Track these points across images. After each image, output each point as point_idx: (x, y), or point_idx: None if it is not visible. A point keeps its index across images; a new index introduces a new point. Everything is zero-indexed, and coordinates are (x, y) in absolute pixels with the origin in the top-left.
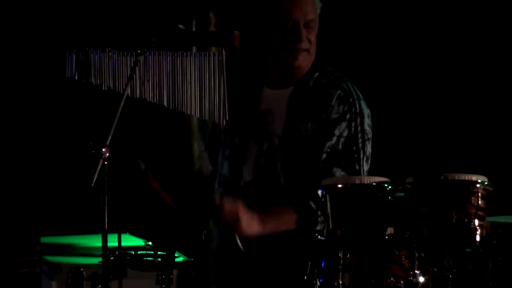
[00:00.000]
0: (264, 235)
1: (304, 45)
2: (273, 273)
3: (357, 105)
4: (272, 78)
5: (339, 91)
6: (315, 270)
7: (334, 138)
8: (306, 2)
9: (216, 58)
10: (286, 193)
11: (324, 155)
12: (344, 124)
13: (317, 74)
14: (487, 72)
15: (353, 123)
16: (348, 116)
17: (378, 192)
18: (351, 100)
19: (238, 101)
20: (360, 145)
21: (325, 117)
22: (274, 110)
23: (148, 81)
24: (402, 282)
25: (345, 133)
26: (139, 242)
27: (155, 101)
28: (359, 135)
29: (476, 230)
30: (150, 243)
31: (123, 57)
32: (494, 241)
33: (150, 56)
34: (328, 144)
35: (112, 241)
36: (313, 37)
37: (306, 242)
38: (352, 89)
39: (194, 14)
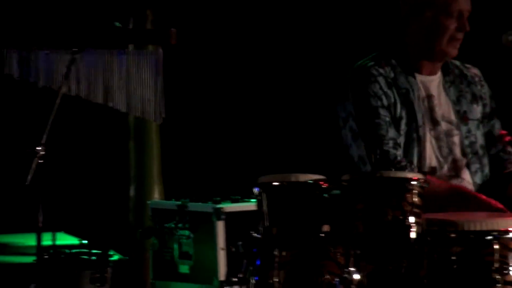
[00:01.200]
0: None
1: (463, 35)
2: None
3: None
4: (420, 65)
5: (478, 70)
6: (251, 268)
7: (495, 118)
8: None
9: (153, 55)
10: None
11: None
12: (493, 102)
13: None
14: None
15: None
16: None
17: (314, 190)
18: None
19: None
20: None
21: (485, 96)
22: (435, 95)
23: (85, 79)
24: (337, 279)
25: (495, 108)
26: (74, 240)
27: (91, 99)
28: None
29: (412, 227)
30: (85, 241)
31: (60, 55)
32: (429, 238)
33: (86, 54)
34: (497, 124)
35: (47, 240)
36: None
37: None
38: None
39: (131, 12)
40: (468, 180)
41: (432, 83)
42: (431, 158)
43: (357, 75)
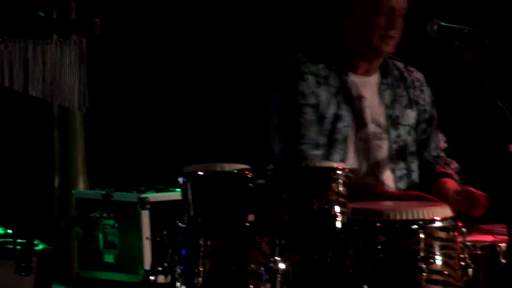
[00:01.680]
0: None
1: (396, 33)
2: None
3: None
4: (355, 64)
5: (422, 75)
6: (176, 257)
7: (435, 123)
8: None
9: (77, 45)
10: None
11: (433, 143)
12: (434, 109)
13: (390, 60)
14: None
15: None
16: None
17: (239, 180)
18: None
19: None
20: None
21: (423, 103)
22: (367, 96)
23: (7, 68)
24: (262, 268)
25: (436, 118)
26: None
27: (15, 89)
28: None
29: (337, 216)
30: (9, 231)
31: None
32: (354, 227)
33: (10, 44)
34: (432, 131)
35: None
36: (401, 25)
37: None
38: None
39: (55, 2)
40: (389, 184)
41: (367, 84)
42: (353, 159)
43: (288, 70)
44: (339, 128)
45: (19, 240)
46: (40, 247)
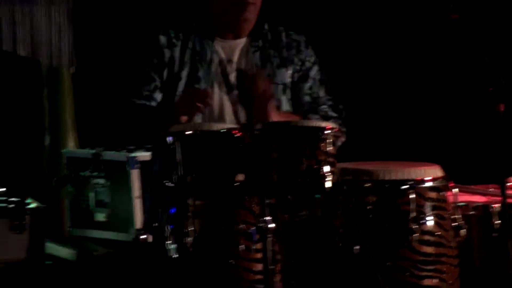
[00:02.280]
0: None
1: None
2: None
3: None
4: (221, 29)
5: (303, 37)
6: (165, 217)
7: (311, 81)
8: None
9: (65, 5)
10: None
11: (307, 98)
12: (315, 68)
13: (267, 25)
14: None
15: (319, 67)
16: (317, 60)
17: (228, 139)
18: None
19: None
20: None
21: (300, 63)
22: (234, 60)
23: None
24: (252, 228)
25: (318, 76)
26: None
27: (3, 48)
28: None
29: (326, 176)
30: (2, 189)
31: None
32: (344, 187)
33: None
34: (307, 87)
35: None
36: None
37: None
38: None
39: None
40: None
41: (236, 47)
42: (224, 121)
43: (147, 34)
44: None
45: (12, 199)
46: (33, 205)
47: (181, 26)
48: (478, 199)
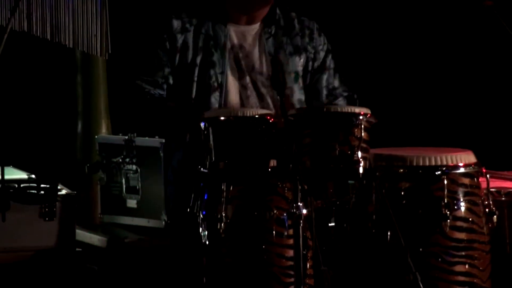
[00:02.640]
0: None
1: None
2: None
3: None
4: (234, 14)
5: (315, 24)
6: (198, 202)
7: (327, 72)
8: None
9: None
10: None
11: (325, 90)
12: (329, 56)
13: (278, 10)
14: None
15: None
16: (330, 48)
17: (261, 125)
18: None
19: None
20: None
21: (313, 51)
22: (247, 46)
23: (32, 15)
24: (285, 214)
25: (332, 65)
26: (22, 175)
27: (39, 35)
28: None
29: (359, 162)
30: (33, 176)
31: None
32: (377, 173)
33: None
34: (325, 78)
35: None
36: None
37: None
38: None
39: None
40: None
41: (249, 33)
42: (235, 107)
43: (160, 17)
44: (211, 76)
45: (43, 185)
46: (63, 192)
47: (194, 9)
48: (510, 185)
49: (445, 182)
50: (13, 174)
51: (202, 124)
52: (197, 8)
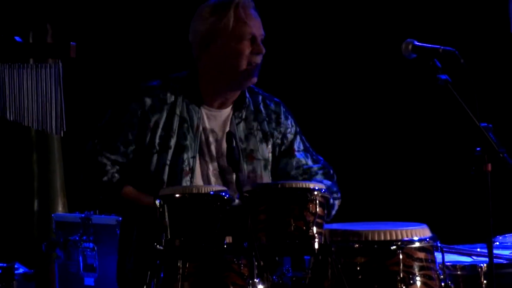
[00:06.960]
0: None
1: (260, 59)
2: None
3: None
4: (208, 97)
5: (281, 107)
6: (154, 280)
7: (297, 154)
8: (258, 20)
9: (53, 69)
10: None
11: (297, 171)
12: (298, 138)
13: (247, 92)
14: None
15: (302, 136)
16: (298, 129)
17: (216, 201)
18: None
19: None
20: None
21: (280, 136)
22: (216, 130)
23: None
24: None
25: (302, 147)
26: None
27: None
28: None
29: (315, 237)
30: None
31: None
32: (333, 249)
33: None
34: (294, 161)
35: None
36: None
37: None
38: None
39: (31, 26)
40: None
41: (220, 117)
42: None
43: (129, 90)
44: (183, 160)
45: None
46: (21, 270)
47: (169, 87)
48: (466, 259)
49: (401, 256)
50: None
51: (157, 202)
52: (171, 85)
